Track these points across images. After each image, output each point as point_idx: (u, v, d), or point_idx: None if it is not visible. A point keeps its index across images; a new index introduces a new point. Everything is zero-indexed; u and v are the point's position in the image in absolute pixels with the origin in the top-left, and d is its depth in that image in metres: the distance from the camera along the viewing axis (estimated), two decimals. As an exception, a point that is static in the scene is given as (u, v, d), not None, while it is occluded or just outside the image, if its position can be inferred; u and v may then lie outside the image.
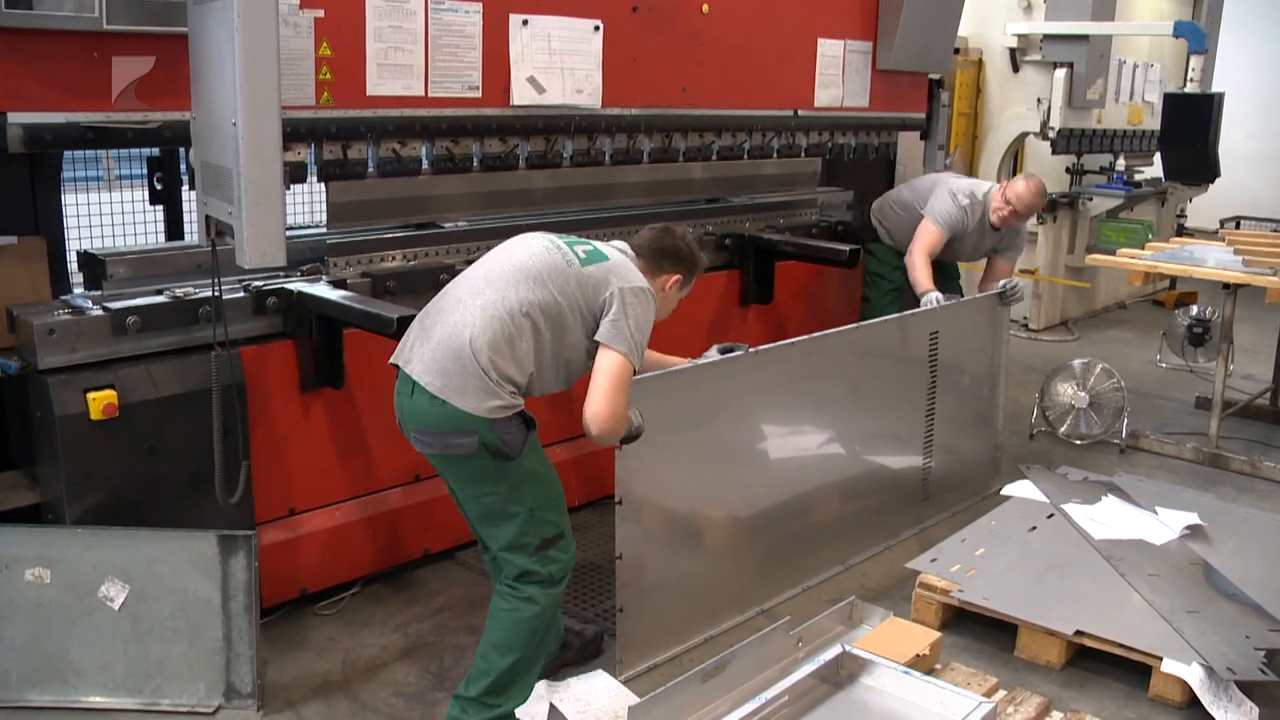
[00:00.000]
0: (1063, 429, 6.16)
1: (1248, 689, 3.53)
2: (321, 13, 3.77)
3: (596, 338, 3.17)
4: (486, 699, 3.22)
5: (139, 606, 3.33)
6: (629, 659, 3.66)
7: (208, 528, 3.40)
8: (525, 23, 4.37)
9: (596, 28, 4.62)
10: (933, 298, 5.13)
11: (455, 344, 3.07)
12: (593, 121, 4.68)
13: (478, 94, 4.29)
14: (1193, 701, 3.51)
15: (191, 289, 3.69)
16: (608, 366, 3.14)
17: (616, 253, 3.36)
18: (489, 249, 4.40)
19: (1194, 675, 3.51)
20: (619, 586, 3.60)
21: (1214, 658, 3.56)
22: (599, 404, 3.11)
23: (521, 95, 4.42)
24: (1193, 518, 4.60)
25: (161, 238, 4.69)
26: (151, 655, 3.34)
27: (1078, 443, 6.10)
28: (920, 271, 5.29)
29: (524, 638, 3.23)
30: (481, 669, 3.24)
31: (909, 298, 5.45)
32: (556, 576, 3.26)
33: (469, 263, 4.32)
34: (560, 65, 4.53)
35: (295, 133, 3.76)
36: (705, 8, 5.02)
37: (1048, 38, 8.81)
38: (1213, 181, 8.78)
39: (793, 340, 4.22)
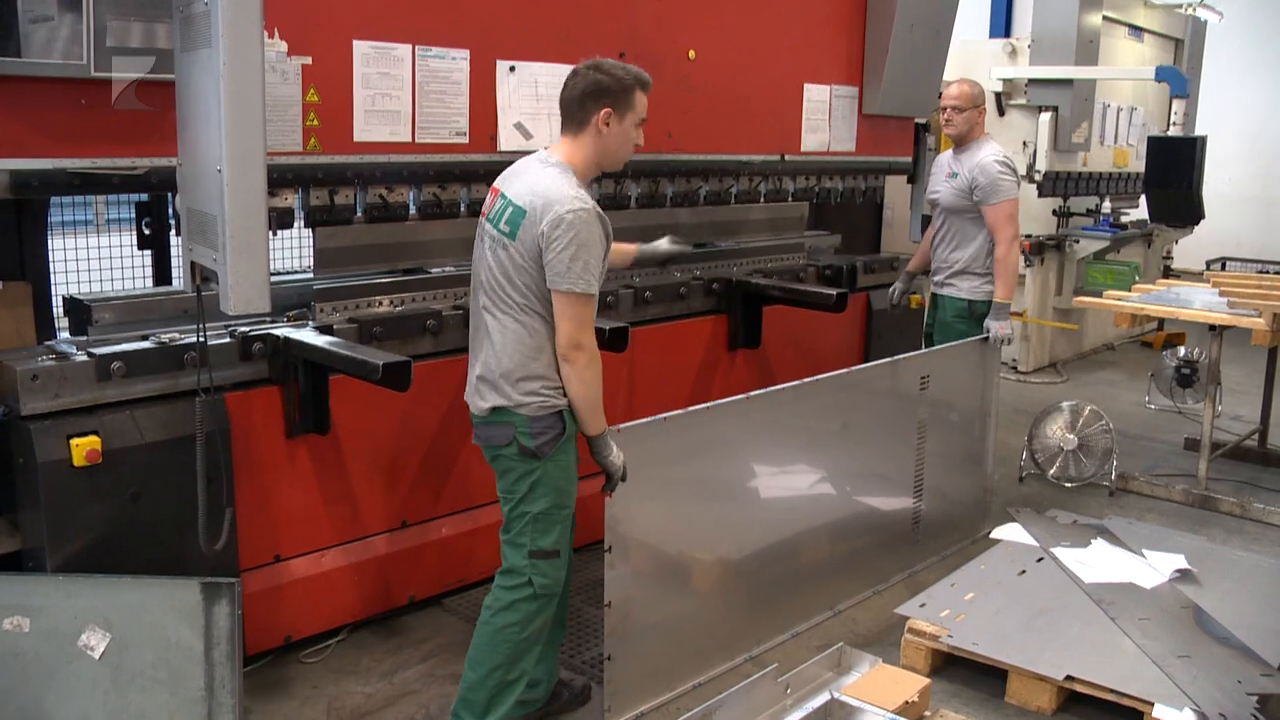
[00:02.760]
0: (1052, 471, 6.16)
1: (1239, 735, 3.52)
2: (309, 59, 3.78)
3: (548, 285, 3.17)
4: (465, 710, 3.31)
5: (120, 655, 3.29)
6: (617, 706, 3.62)
7: (191, 575, 3.37)
8: (512, 69, 4.39)
9: (584, 74, 4.64)
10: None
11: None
12: (580, 166, 4.70)
13: (465, 140, 4.30)
14: (1185, 747, 3.49)
15: (177, 334, 3.68)
16: (558, 306, 3.15)
17: (533, 185, 3.21)
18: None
19: (1186, 720, 3.49)
20: (607, 633, 3.58)
21: (1206, 703, 3.54)
22: (562, 343, 3.16)
23: (509, 141, 4.43)
24: (1181, 560, 4.58)
25: (150, 282, 4.69)
26: (132, 705, 3.29)
27: (1067, 485, 6.09)
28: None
29: (493, 652, 3.28)
30: (463, 681, 3.35)
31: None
32: (543, 591, 3.28)
33: (456, 309, 4.35)
34: (547, 111, 4.55)
35: (282, 178, 3.77)
36: (692, 53, 5.06)
37: (1032, 82, 8.89)
38: (1197, 223, 8.83)
39: (785, 385, 4.21)
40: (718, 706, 3.03)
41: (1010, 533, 4.92)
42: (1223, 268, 11.42)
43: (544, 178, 3.20)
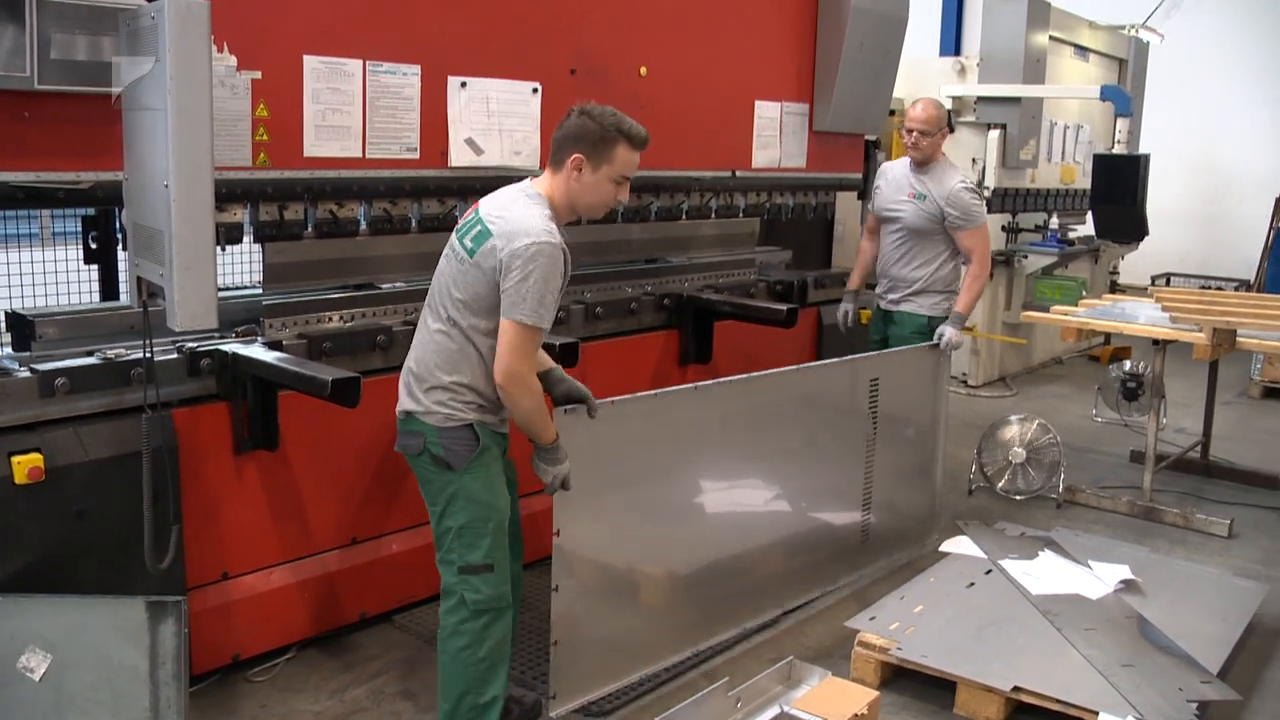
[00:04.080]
0: (1001, 484, 6.23)
1: (1182, 742, 3.58)
2: (259, 74, 3.77)
3: (502, 313, 3.14)
4: None
5: (61, 677, 3.24)
6: (563, 693, 3.64)
7: (137, 594, 3.33)
8: (464, 85, 4.40)
9: (535, 90, 4.66)
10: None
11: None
12: (531, 182, 4.71)
13: (416, 155, 4.30)
14: (1129, 755, 3.54)
15: (123, 350, 3.64)
16: (504, 333, 3.12)
17: (506, 209, 3.22)
18: (425, 310, 4.45)
19: (1129, 729, 3.54)
20: (554, 620, 3.60)
21: (1149, 711, 3.59)
22: (499, 371, 3.13)
23: (460, 157, 4.44)
24: (1125, 571, 4.65)
25: (96, 298, 4.64)
26: (74, 727, 3.25)
27: (1016, 498, 6.16)
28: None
29: (455, 679, 3.26)
30: (439, 708, 3.33)
31: None
32: (479, 607, 3.24)
33: (407, 324, 4.33)
34: (499, 127, 4.55)
35: (231, 194, 3.74)
36: (643, 70, 5.08)
37: (981, 100, 9.02)
38: (1142, 239, 8.98)
39: (732, 379, 4.24)
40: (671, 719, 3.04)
41: (959, 545, 4.97)
42: (1167, 283, 11.62)
43: (517, 206, 3.20)
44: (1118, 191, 8.37)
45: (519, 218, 3.14)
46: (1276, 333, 5.72)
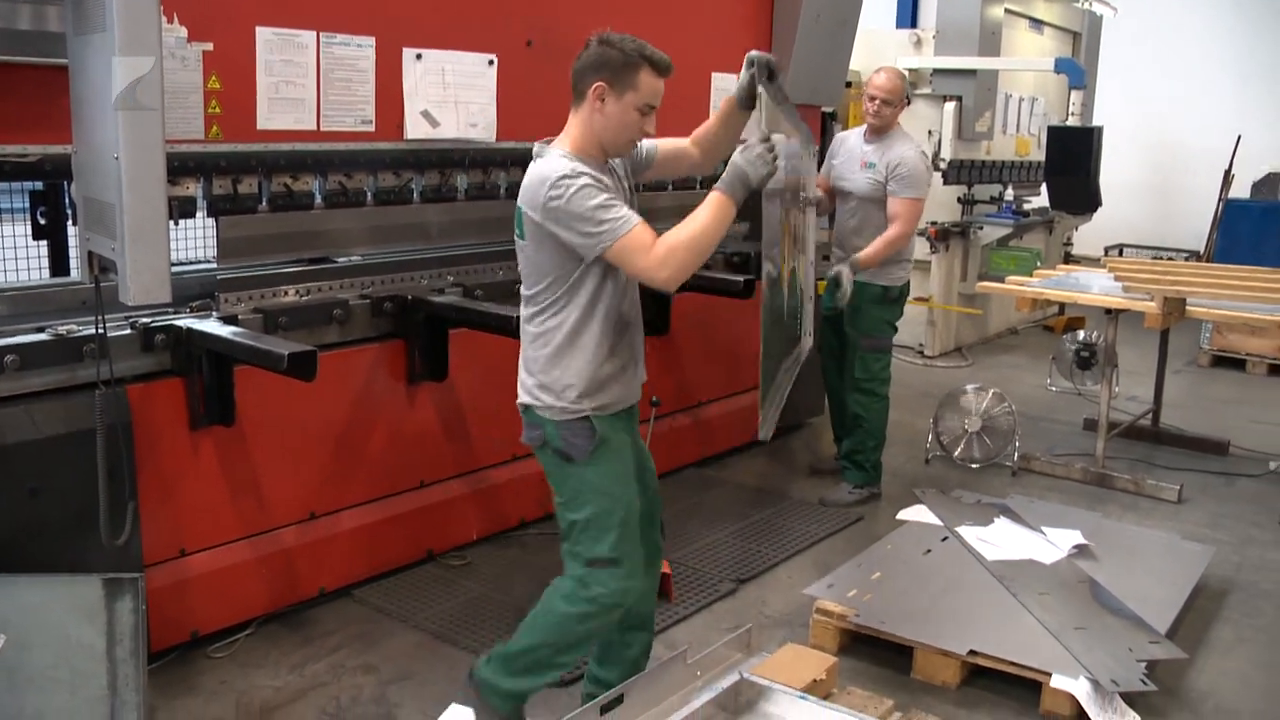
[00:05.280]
0: (957, 453, 6.29)
1: (1131, 699, 3.66)
2: (210, 46, 3.73)
3: (587, 257, 3.00)
4: (501, 662, 3.27)
5: (17, 657, 3.20)
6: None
7: (94, 571, 3.31)
8: (419, 57, 4.37)
9: (491, 62, 4.64)
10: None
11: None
12: (488, 155, 4.70)
13: (371, 128, 4.28)
14: (1081, 714, 3.60)
15: (75, 326, 3.59)
16: (616, 262, 2.98)
17: (525, 182, 3.08)
18: (383, 283, 4.43)
19: (1081, 689, 3.60)
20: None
21: (1099, 671, 3.66)
22: (654, 282, 3.00)
23: (415, 129, 4.41)
24: (1078, 536, 4.72)
25: (46, 273, 4.57)
26: (29, 708, 3.21)
27: (972, 466, 6.23)
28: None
29: (546, 631, 3.21)
30: (516, 635, 3.28)
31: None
32: (603, 602, 3.14)
33: (364, 298, 4.31)
34: (454, 99, 4.53)
35: (183, 167, 3.72)
36: (599, 42, 5.06)
37: (937, 72, 9.07)
38: (1095, 210, 9.08)
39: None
40: (628, 689, 3.05)
41: (916, 513, 5.02)
42: (1120, 254, 11.74)
43: (532, 168, 3.06)
44: (1071, 163, 8.45)
45: (533, 178, 3.02)
46: (1225, 301, 5.82)
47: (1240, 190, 11.91)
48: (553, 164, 2.98)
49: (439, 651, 3.98)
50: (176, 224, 3.96)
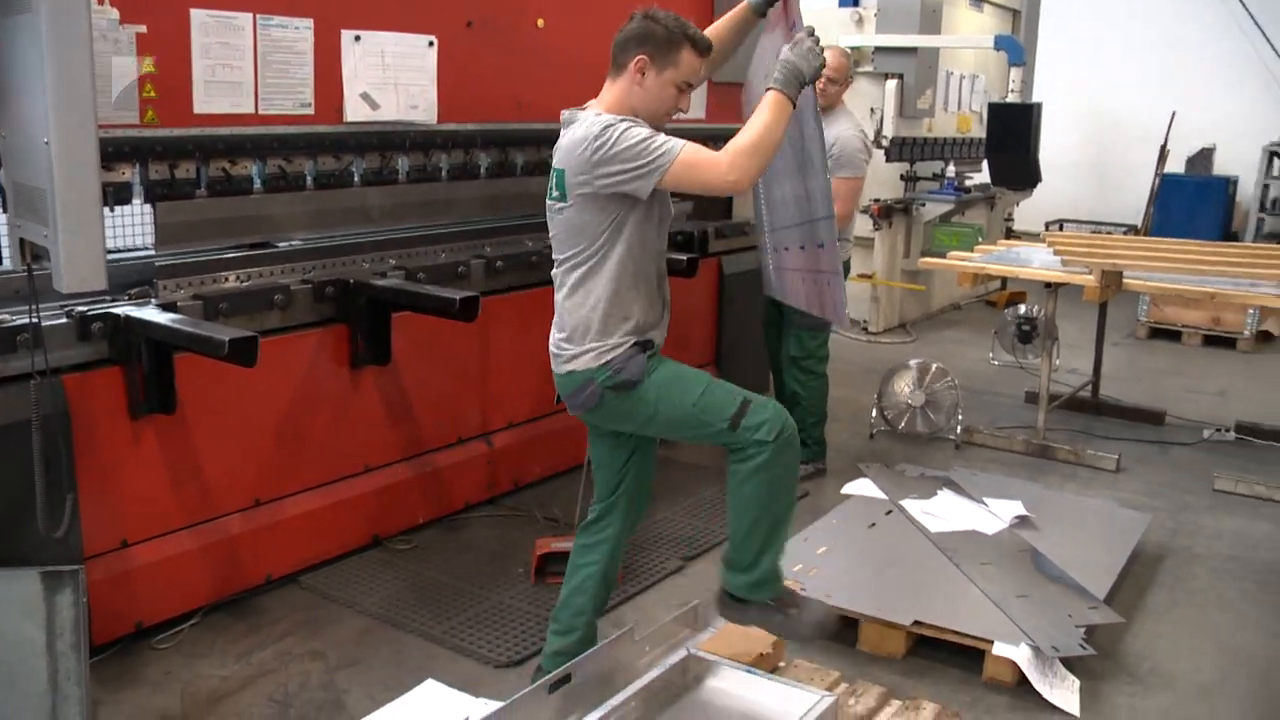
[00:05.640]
0: (901, 427, 6.37)
1: (1071, 664, 3.74)
2: (144, 28, 3.67)
3: (649, 190, 3.05)
4: (738, 563, 3.27)
5: (-45, 652, 3.17)
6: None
7: (33, 564, 3.26)
8: (358, 38, 4.33)
9: (431, 43, 4.61)
10: None
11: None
12: (428, 137, 4.67)
13: (310, 111, 4.24)
14: (1022, 681, 3.67)
15: (8, 316, 3.54)
16: (679, 183, 3.04)
17: (562, 143, 3.17)
18: (325, 268, 4.40)
19: (1022, 656, 3.67)
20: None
21: (1040, 638, 3.73)
22: (721, 184, 3.08)
23: (355, 112, 4.38)
24: (1019, 507, 4.80)
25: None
26: (-30, 703, 3.19)
27: (919, 440, 6.31)
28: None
29: (753, 495, 3.17)
30: (730, 532, 3.29)
31: None
32: (769, 434, 3.11)
33: (305, 282, 4.28)
34: (395, 81, 4.50)
35: (118, 152, 3.66)
36: (540, 22, 5.05)
37: (879, 50, 9.13)
38: (1035, 186, 9.20)
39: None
40: (577, 666, 3.08)
41: (861, 487, 5.08)
42: (1061, 229, 11.89)
43: (570, 131, 3.13)
44: (1011, 140, 8.55)
45: (569, 141, 3.10)
46: (1160, 274, 5.92)
47: (1176, 165, 12.12)
48: (593, 119, 3.06)
49: (387, 636, 3.97)
50: (112, 210, 3.90)
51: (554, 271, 3.30)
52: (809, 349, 5.53)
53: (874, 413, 6.46)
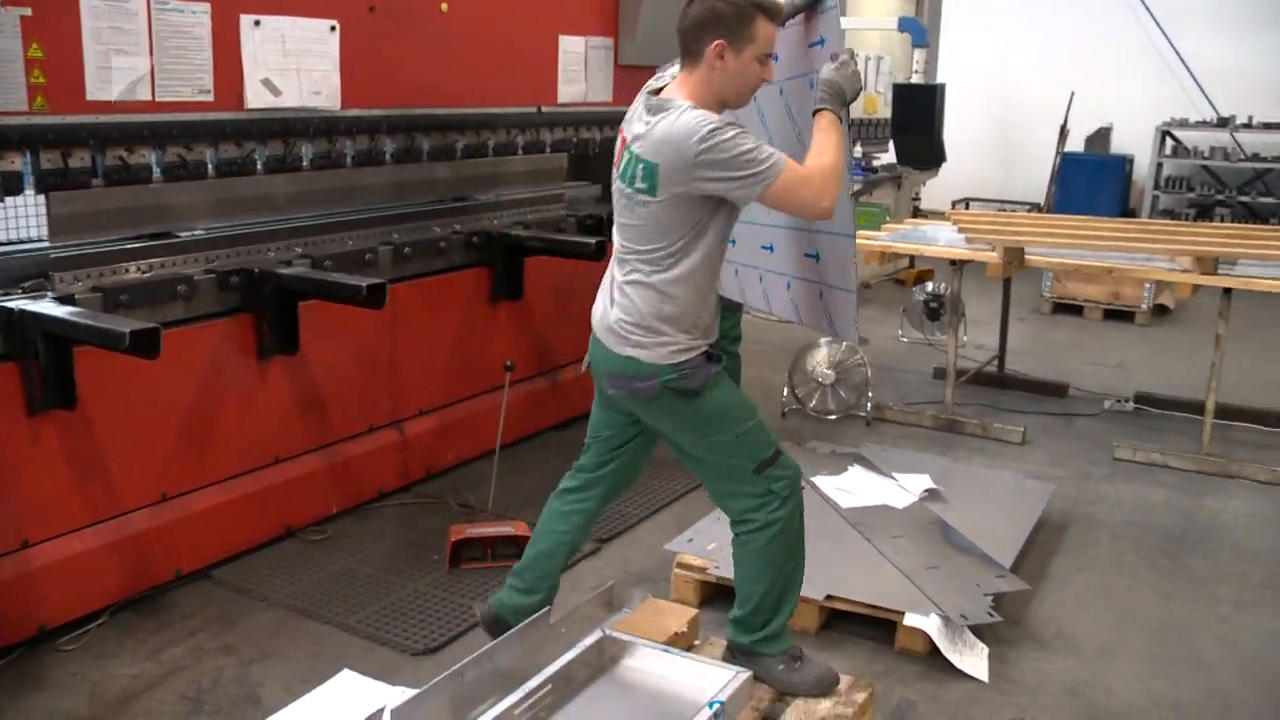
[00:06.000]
0: (812, 405, 6.45)
1: (980, 632, 3.84)
2: (29, 11, 3.56)
3: (748, 202, 3.04)
4: (752, 621, 3.33)
5: None
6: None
7: (-72, 566, 3.18)
8: (257, 23, 4.25)
9: (333, 28, 4.54)
10: None
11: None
12: (332, 123, 4.60)
13: (210, 97, 4.15)
14: (934, 650, 3.76)
15: (-108, 314, 3.43)
16: (778, 203, 3.03)
17: (655, 134, 2.99)
18: (229, 257, 4.33)
19: (933, 625, 3.76)
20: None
21: (949, 608, 3.82)
22: (815, 209, 3.04)
23: (256, 98, 4.30)
24: (928, 481, 4.90)
25: None
26: None
27: (828, 418, 6.39)
28: None
29: (769, 563, 3.26)
30: (741, 598, 3.35)
31: None
32: (786, 491, 3.22)
33: (209, 272, 4.20)
34: (296, 66, 4.43)
35: (5, 140, 3.55)
36: (444, 7, 5.00)
37: (783, 33, 9.18)
38: (940, 165, 9.36)
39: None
40: (493, 652, 3.07)
41: (773, 466, 5.13)
42: (966, 207, 12.13)
43: (663, 125, 2.98)
44: (916, 120, 8.70)
45: (668, 134, 2.96)
46: (1061, 250, 6.07)
47: (1076, 145, 12.41)
48: (694, 117, 2.94)
49: (302, 627, 3.94)
50: (1, 200, 3.80)
51: (624, 255, 3.19)
52: (722, 330, 5.56)
53: (785, 391, 6.53)
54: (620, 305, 3.20)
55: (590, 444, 3.56)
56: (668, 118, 2.99)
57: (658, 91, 3.17)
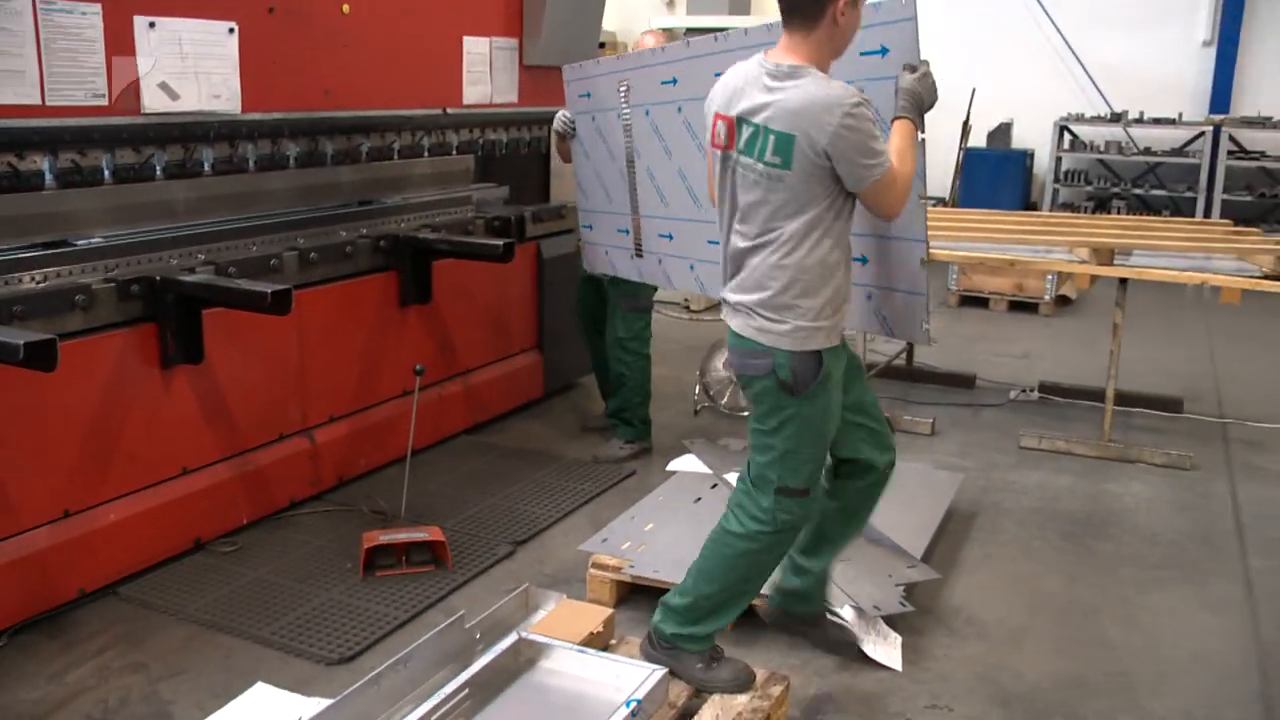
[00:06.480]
0: (724, 401, 6.49)
1: (893, 621, 3.91)
2: (-98, 13, 3.46)
3: (852, 189, 3.03)
4: (685, 615, 3.35)
5: None
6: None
7: None
8: (152, 25, 4.17)
9: (231, 30, 4.47)
10: None
11: None
12: (233, 127, 4.53)
13: (104, 101, 4.05)
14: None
15: None
16: (873, 199, 3.05)
17: (789, 104, 2.95)
18: (129, 265, 4.23)
19: (847, 616, 3.81)
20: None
21: (863, 599, 3.88)
22: (892, 214, 3.12)
23: (154, 102, 4.21)
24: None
25: None
26: None
27: (743, 414, 6.44)
28: None
29: (729, 573, 3.30)
30: (685, 588, 3.37)
31: None
32: (785, 526, 3.25)
33: (108, 281, 4.10)
34: (194, 70, 4.35)
35: (-119, 147, 3.44)
36: (346, 8, 4.95)
37: (690, 31, 9.25)
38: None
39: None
40: (409, 658, 3.06)
41: (686, 464, 5.16)
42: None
43: (799, 93, 2.94)
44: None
45: (803, 104, 2.93)
46: (965, 244, 6.20)
47: (978, 140, 12.64)
48: (833, 89, 2.94)
49: (213, 641, 3.86)
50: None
51: (747, 236, 3.13)
52: (634, 330, 5.61)
53: (697, 390, 6.57)
54: (747, 283, 3.15)
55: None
56: (802, 85, 2.96)
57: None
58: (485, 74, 5.82)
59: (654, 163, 4.86)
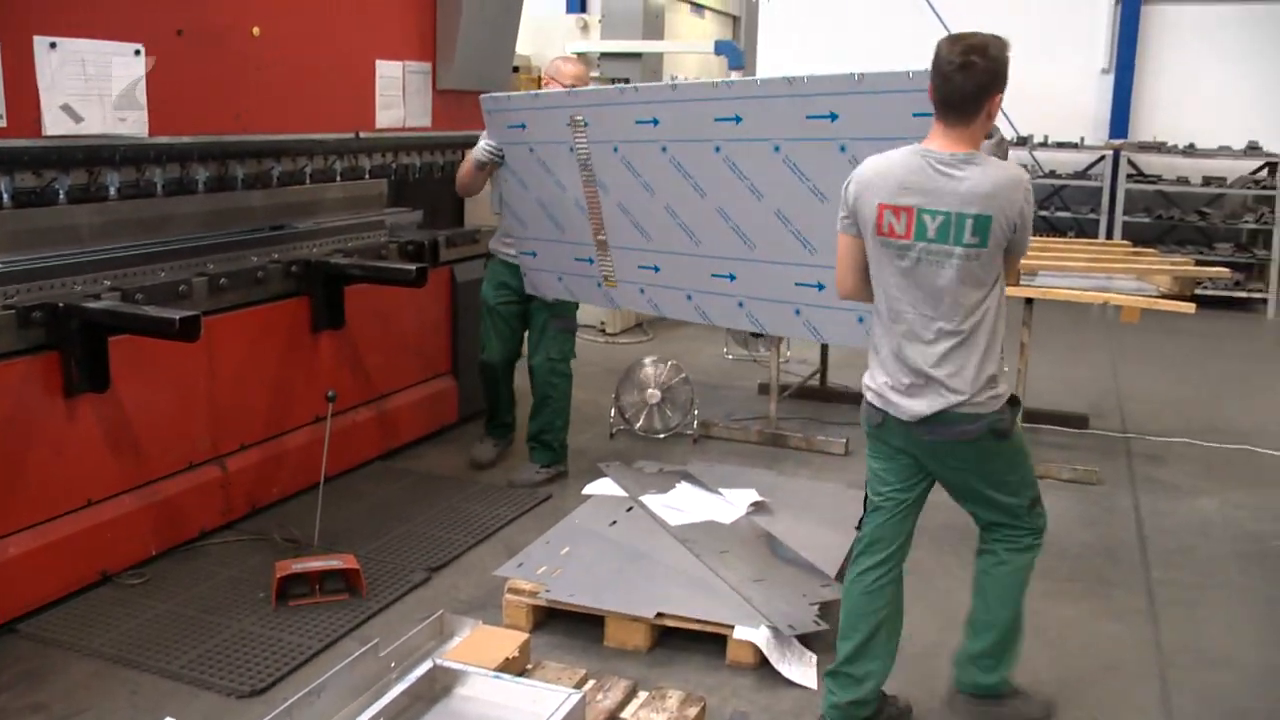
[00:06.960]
0: (639, 425, 6.52)
1: (808, 640, 3.95)
2: None
3: (1018, 254, 3.33)
4: (1002, 649, 3.58)
5: None
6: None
7: None
8: (53, 45, 4.09)
9: (138, 51, 4.40)
10: None
11: None
12: (140, 151, 4.45)
13: (2, 124, 3.96)
14: (764, 661, 3.85)
15: None
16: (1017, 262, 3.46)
17: (979, 188, 3.13)
18: (30, 291, 4.13)
19: (761, 637, 3.85)
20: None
21: (777, 618, 3.92)
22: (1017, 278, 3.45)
23: (56, 124, 4.13)
24: (754, 494, 5.01)
25: None
26: None
27: (656, 437, 6.48)
28: None
29: (1020, 588, 3.55)
30: (986, 623, 3.58)
31: None
32: (1043, 526, 3.54)
33: (7, 308, 4.00)
34: (99, 92, 4.28)
35: None
36: (256, 31, 4.91)
37: (605, 55, 9.32)
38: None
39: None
40: (322, 688, 3.02)
41: (601, 487, 5.17)
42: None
43: (987, 177, 3.13)
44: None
45: (996, 185, 3.13)
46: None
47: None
48: (1011, 169, 3.21)
49: (119, 677, 3.77)
50: None
51: (932, 315, 3.26)
52: (565, 351, 5.65)
53: (613, 412, 6.59)
54: (938, 363, 3.29)
55: (880, 507, 3.73)
56: (985, 170, 3.16)
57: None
58: (398, 98, 5.80)
59: (626, 198, 4.87)
